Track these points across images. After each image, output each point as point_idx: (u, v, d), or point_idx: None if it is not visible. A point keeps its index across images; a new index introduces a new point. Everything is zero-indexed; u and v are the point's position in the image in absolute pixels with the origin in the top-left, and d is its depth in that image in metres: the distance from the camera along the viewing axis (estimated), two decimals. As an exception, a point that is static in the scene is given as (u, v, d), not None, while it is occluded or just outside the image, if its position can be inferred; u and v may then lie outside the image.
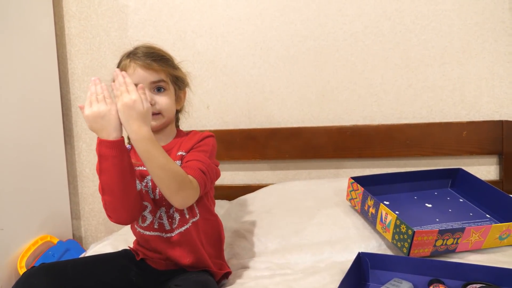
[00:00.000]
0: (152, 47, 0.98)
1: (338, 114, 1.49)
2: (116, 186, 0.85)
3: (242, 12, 1.49)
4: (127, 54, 0.97)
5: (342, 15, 1.45)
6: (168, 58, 0.99)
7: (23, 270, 1.36)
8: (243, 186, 1.51)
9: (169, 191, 0.85)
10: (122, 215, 0.91)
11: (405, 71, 1.44)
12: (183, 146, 0.98)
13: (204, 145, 0.96)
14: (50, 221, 1.50)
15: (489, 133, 1.39)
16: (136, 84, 0.89)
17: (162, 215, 0.96)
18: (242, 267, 1.10)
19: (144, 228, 0.97)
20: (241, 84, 1.52)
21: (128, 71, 0.93)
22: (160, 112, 0.95)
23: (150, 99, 0.91)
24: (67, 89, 1.62)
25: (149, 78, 0.94)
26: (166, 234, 0.95)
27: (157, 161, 0.83)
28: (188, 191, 0.86)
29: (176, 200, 0.87)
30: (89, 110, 0.83)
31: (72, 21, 1.59)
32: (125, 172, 0.85)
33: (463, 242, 0.99)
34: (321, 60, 1.48)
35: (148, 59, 0.93)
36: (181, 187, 0.85)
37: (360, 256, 0.93)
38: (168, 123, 0.99)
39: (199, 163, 0.91)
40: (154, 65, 0.93)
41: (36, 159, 1.44)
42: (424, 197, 1.22)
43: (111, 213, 0.90)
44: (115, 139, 0.83)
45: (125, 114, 0.82)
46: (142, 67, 0.93)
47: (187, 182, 0.86)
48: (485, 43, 1.40)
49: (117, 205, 0.88)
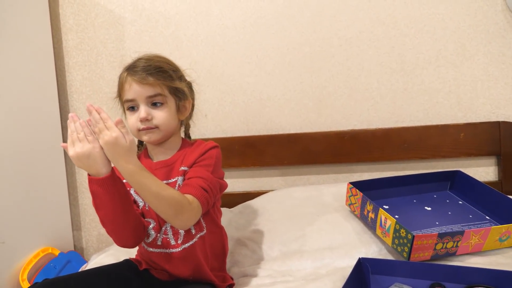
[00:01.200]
0: (151, 59, 0.95)
1: (336, 119, 1.50)
2: (114, 217, 0.86)
3: (237, 21, 1.51)
4: (127, 67, 0.96)
5: (336, 21, 1.46)
6: (166, 70, 0.95)
7: (25, 283, 1.36)
8: (243, 194, 1.52)
9: (167, 216, 0.86)
10: (128, 240, 0.92)
11: (401, 75, 1.45)
12: (186, 160, 0.96)
13: (207, 159, 0.95)
14: (51, 233, 1.50)
15: (486, 134, 1.40)
16: (131, 99, 0.90)
17: (167, 230, 0.95)
18: (244, 275, 1.10)
19: (147, 244, 0.97)
20: (238, 92, 1.53)
21: (125, 86, 0.93)
22: (157, 127, 0.94)
23: (146, 113, 0.91)
24: (66, 101, 1.63)
25: (145, 93, 0.92)
26: (170, 250, 0.95)
27: (150, 191, 0.82)
28: (187, 213, 0.86)
29: (176, 224, 0.88)
30: (72, 150, 0.81)
31: (70, 33, 1.60)
32: (121, 203, 0.85)
33: (463, 245, 0.99)
34: (317, 66, 1.49)
35: (144, 73, 0.92)
36: (179, 212, 0.84)
37: (361, 262, 0.93)
38: (169, 135, 0.98)
39: (200, 180, 0.90)
40: (149, 79, 0.91)
41: (36, 171, 1.45)
42: (423, 200, 1.23)
43: (117, 240, 0.91)
44: (105, 176, 0.82)
45: (110, 152, 0.80)
46: (137, 82, 0.92)
47: (185, 205, 0.85)
48: (479, 45, 1.41)
49: (120, 232, 0.90)
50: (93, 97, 1.61)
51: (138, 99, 0.92)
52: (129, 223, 0.89)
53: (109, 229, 0.89)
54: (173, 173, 0.96)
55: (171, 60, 1.00)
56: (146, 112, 0.92)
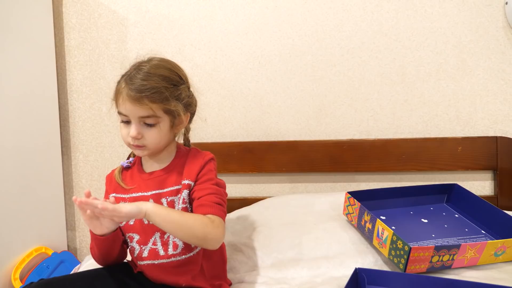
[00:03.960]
0: (150, 74, 0.90)
1: (335, 128, 1.51)
2: (106, 254, 0.98)
3: (241, 26, 1.51)
4: (125, 76, 0.93)
5: (339, 31, 1.47)
6: (163, 91, 0.89)
7: (17, 282, 1.34)
8: (240, 199, 1.52)
9: (197, 242, 0.88)
10: (109, 263, 1.01)
11: (401, 87, 1.47)
12: (187, 172, 0.96)
13: (208, 173, 0.96)
14: (45, 232, 1.49)
15: (484, 148, 1.41)
16: (124, 115, 0.92)
17: (156, 241, 0.96)
18: (239, 281, 1.09)
19: (134, 258, 0.99)
20: (239, 97, 1.54)
21: (119, 99, 0.92)
22: (145, 145, 0.93)
23: (137, 132, 0.91)
24: (65, 100, 1.63)
25: (137, 113, 0.90)
26: (159, 261, 0.95)
27: (175, 223, 0.85)
28: (213, 233, 0.87)
29: (207, 245, 0.89)
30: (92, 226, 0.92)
31: (72, 32, 1.60)
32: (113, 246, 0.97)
33: (459, 259, 1.00)
34: (319, 75, 1.50)
35: (139, 94, 0.88)
36: (207, 233, 0.86)
37: (357, 272, 0.93)
38: (161, 150, 0.98)
39: (213, 197, 0.92)
40: (143, 101, 0.88)
41: (33, 169, 1.44)
42: (420, 212, 1.23)
43: (98, 262, 1.01)
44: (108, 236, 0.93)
45: (124, 219, 0.87)
46: (130, 101, 0.89)
47: (209, 226, 0.86)
48: (480, 60, 1.42)
49: (103, 261, 1.00)
50: (93, 96, 1.61)
51: (131, 116, 0.91)
52: (115, 253, 0.98)
53: (97, 258, 0.99)
54: (167, 182, 0.96)
55: (174, 68, 0.96)
56: (136, 131, 0.91)
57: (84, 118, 1.63)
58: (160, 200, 0.95)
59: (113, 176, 1.02)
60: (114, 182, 1.01)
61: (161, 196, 0.95)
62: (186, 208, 0.95)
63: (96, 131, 1.62)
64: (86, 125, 1.63)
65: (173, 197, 0.95)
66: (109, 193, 1.01)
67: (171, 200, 0.95)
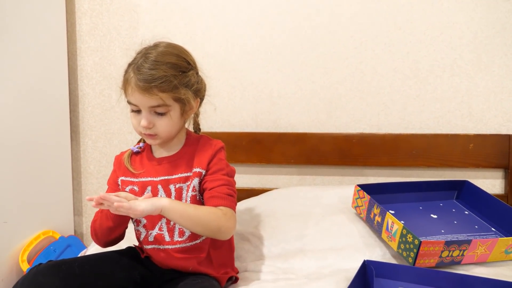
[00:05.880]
0: (158, 62, 0.88)
1: (345, 122, 1.49)
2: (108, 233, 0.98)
3: (253, 16, 1.50)
4: (133, 65, 0.91)
5: (353, 23, 1.46)
6: (172, 80, 0.88)
7: (24, 264, 1.35)
8: (248, 190, 1.51)
9: (211, 233, 0.90)
10: (107, 242, 1.01)
11: (414, 82, 1.45)
12: (198, 160, 0.96)
13: (218, 163, 0.96)
14: (53, 216, 1.50)
15: (495, 146, 1.39)
16: (134, 104, 0.91)
17: (162, 227, 0.96)
18: (245, 270, 1.09)
19: (141, 241, 1.00)
20: (249, 88, 1.53)
21: (128, 89, 0.91)
22: (156, 134, 0.93)
23: (148, 122, 0.90)
24: (76, 85, 1.63)
25: (147, 103, 0.89)
26: (165, 246, 0.95)
27: (189, 218, 0.86)
28: (226, 224, 0.89)
29: (221, 237, 0.91)
30: None
31: (84, 18, 1.60)
32: None
33: (469, 255, 0.99)
34: (330, 67, 1.48)
35: (147, 83, 0.87)
36: (221, 225, 0.88)
37: (366, 264, 0.93)
38: (172, 137, 0.98)
39: (224, 188, 0.93)
40: (153, 91, 0.87)
41: (42, 154, 1.44)
42: (430, 208, 1.22)
43: (97, 238, 0.99)
44: None
45: (139, 217, 0.92)
46: (139, 91, 0.88)
47: (221, 218, 0.88)
48: (495, 57, 1.40)
49: (102, 237, 0.99)
50: (103, 83, 1.61)
51: (141, 106, 0.91)
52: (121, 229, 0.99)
53: (99, 233, 0.97)
54: (176, 169, 0.96)
55: (182, 54, 0.94)
56: (147, 121, 0.90)
57: (94, 104, 1.62)
58: (168, 187, 0.95)
59: (122, 159, 1.02)
60: (123, 165, 1.01)
61: (169, 182, 0.95)
62: (196, 196, 0.95)
63: (105, 117, 1.62)
64: (96, 111, 1.63)
65: (181, 184, 0.95)
66: (117, 174, 1.01)
67: (179, 187, 0.95)
